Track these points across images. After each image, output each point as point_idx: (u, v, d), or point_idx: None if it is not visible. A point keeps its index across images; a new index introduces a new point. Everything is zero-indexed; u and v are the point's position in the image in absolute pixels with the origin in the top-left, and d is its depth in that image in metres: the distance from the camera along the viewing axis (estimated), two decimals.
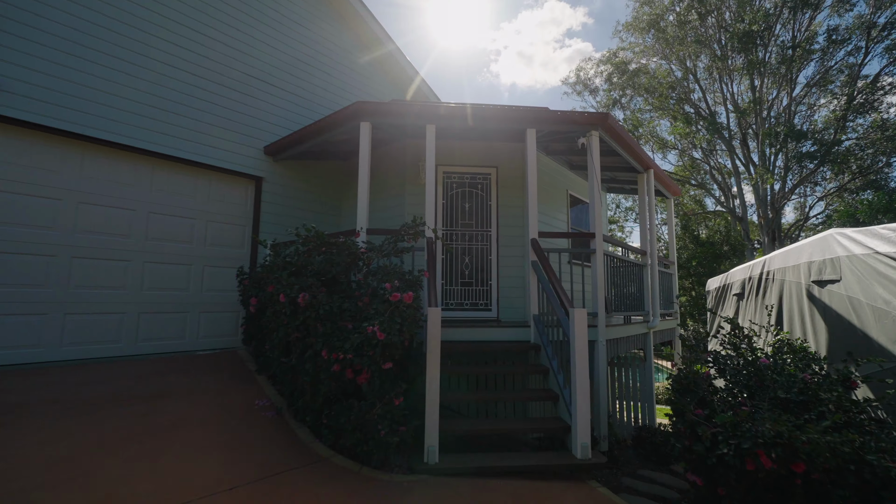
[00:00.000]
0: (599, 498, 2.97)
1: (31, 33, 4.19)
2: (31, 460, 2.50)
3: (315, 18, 6.78)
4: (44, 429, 2.87)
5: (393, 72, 7.94)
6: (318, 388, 3.02)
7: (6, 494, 2.18)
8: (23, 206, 4.16)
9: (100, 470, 2.48)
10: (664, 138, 22.80)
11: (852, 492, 2.34)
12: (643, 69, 20.81)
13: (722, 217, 22.62)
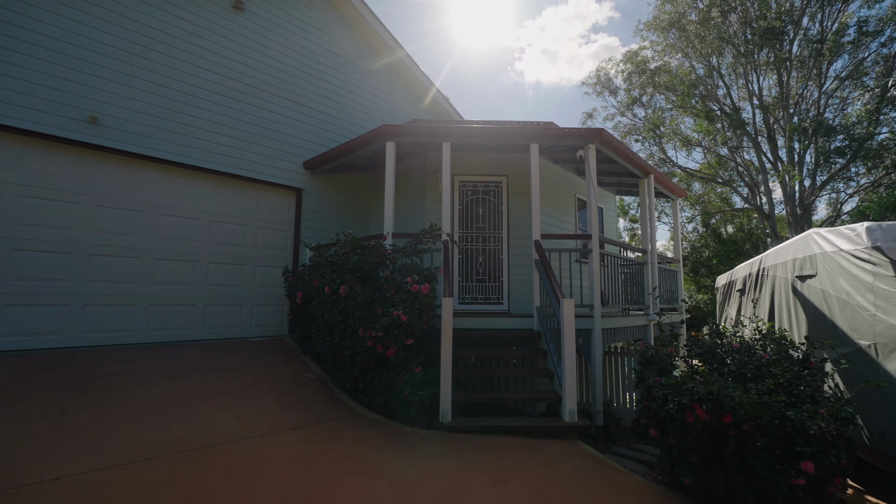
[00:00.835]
0: (580, 450, 3.69)
1: (130, 80, 5.25)
2: (149, 406, 3.45)
3: (343, 44, 7.71)
4: (151, 387, 3.85)
5: (414, 87, 8.80)
6: (355, 359, 3.88)
7: (140, 425, 3.12)
8: (121, 218, 5.24)
9: (198, 413, 3.41)
10: (688, 136, 22.77)
11: (774, 440, 2.99)
12: (664, 67, 20.95)
13: (746, 214, 22.42)
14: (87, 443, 2.74)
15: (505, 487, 2.87)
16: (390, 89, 8.45)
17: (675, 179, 22.84)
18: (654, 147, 23.09)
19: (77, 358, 4.44)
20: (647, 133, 22.22)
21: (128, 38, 5.31)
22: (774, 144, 20.17)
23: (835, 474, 2.85)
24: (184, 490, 2.36)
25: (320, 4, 7.42)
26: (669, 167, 22.78)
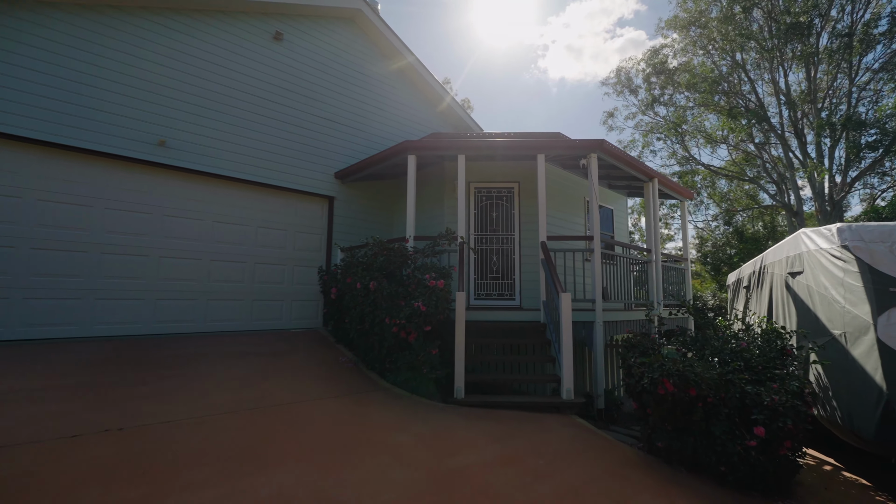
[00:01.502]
0: (575, 422, 4.34)
1: (191, 107, 6.22)
2: (220, 378, 4.32)
3: (367, 63, 8.55)
4: (218, 365, 4.74)
5: (433, 100, 9.56)
6: (382, 343, 4.66)
7: (217, 390, 3.97)
8: (184, 227, 6.21)
9: (258, 384, 4.26)
10: (711, 133, 22.64)
11: (735, 411, 3.58)
12: (685, 66, 20.97)
13: (773, 212, 22.14)
14: (184, 400, 3.61)
15: (504, 443, 3.58)
16: (412, 102, 9.23)
17: (698, 178, 22.77)
18: (677, 145, 23.09)
19: (153, 343, 5.41)
20: (668, 131, 22.26)
21: (188, 70, 6.28)
22: (802, 140, 19.90)
23: (784, 438, 3.41)
24: (258, 431, 3.18)
25: (347, 28, 8.28)
26: (692, 165, 22.74)
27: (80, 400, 3.43)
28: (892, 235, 4.21)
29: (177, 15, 6.22)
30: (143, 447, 2.78)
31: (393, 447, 3.26)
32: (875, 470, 4.62)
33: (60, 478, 2.34)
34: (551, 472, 3.16)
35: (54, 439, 2.74)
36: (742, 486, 3.48)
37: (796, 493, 3.71)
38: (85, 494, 2.22)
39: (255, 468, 2.68)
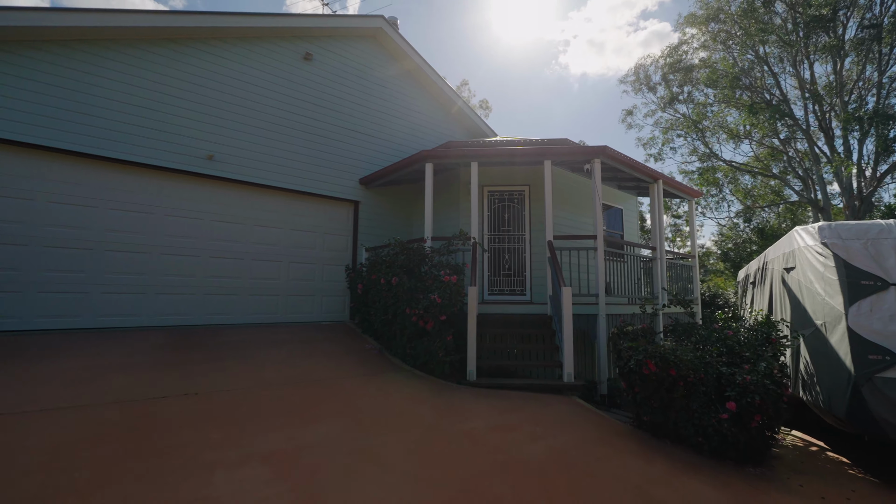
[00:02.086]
0: (574, 401, 4.93)
1: (233, 124, 7.07)
2: (265, 360, 5.10)
3: (388, 76, 9.27)
4: (262, 350, 5.53)
5: (450, 108, 10.21)
6: (403, 331, 5.35)
7: (265, 369, 4.74)
8: (229, 230, 7.07)
9: (299, 364, 5.01)
10: (734, 129, 22.48)
11: (712, 388, 4.10)
12: (706, 62, 20.93)
13: (798, 208, 21.86)
14: (240, 376, 4.39)
15: (508, 415, 4.21)
16: (428, 110, 9.91)
17: (720, 174, 22.66)
18: (698, 141, 23.02)
19: (204, 331, 6.26)
20: (688, 128, 22.25)
21: (231, 91, 7.13)
22: (829, 135, 19.62)
23: (754, 412, 3.92)
24: (302, 398, 3.92)
25: (368, 44, 9.02)
26: (713, 161, 22.64)
27: (159, 373, 4.25)
28: (868, 234, 4.62)
29: (222, 43, 7.08)
30: (215, 407, 3.54)
31: (412, 413, 3.95)
32: (860, 451, 5.01)
33: (160, 423, 3.12)
34: (545, 436, 3.78)
35: (149, 399, 3.54)
36: (716, 454, 4.00)
37: (771, 465, 4.20)
38: (184, 433, 2.99)
39: (302, 423, 3.41)
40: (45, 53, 5.67)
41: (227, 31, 7.09)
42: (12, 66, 5.45)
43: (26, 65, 5.54)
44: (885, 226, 4.64)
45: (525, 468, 3.10)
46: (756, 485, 3.55)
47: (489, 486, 2.79)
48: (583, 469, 3.25)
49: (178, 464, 2.60)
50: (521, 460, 3.23)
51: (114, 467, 2.49)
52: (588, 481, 3.05)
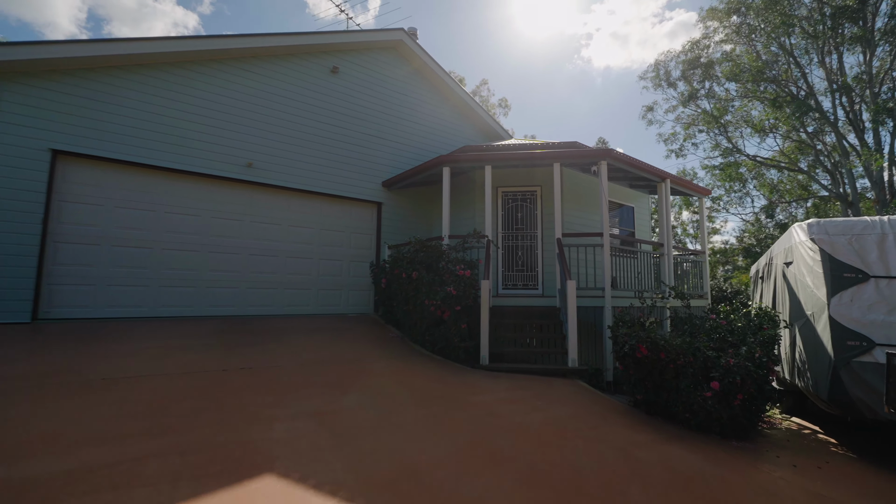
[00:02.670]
0: (577, 383, 5.47)
1: (268, 133, 7.87)
2: (303, 344, 5.84)
3: (407, 84, 9.92)
4: (299, 336, 6.28)
5: (465, 111, 10.80)
6: (423, 320, 6.00)
7: (303, 351, 5.47)
8: (267, 230, 7.87)
9: (331, 348, 5.73)
10: (759, 123, 22.17)
11: (699, 371, 4.58)
12: (728, 55, 20.75)
13: (822, 203, 21.45)
14: (283, 356, 5.13)
15: (514, 392, 4.80)
16: (446, 115, 10.52)
17: (743, 169, 22.40)
18: (721, 136, 22.82)
19: (247, 320, 7.07)
20: (709, 123, 22.09)
21: (266, 104, 7.92)
22: (858, 127, 19.22)
23: (736, 391, 4.39)
24: (337, 374, 4.61)
25: (390, 55, 9.70)
26: (736, 156, 22.39)
27: (217, 352, 5.03)
28: (853, 230, 4.98)
29: (259, 61, 7.88)
30: (266, 378, 4.27)
31: (430, 388, 4.59)
32: (857, 437, 5.35)
33: (225, 388, 3.86)
34: (545, 409, 4.35)
35: (213, 371, 4.30)
36: (702, 428, 4.48)
37: (756, 440, 4.64)
38: (244, 396, 3.71)
39: (336, 392, 4.10)
40: (111, 77, 6.55)
41: (264, 51, 7.87)
42: (80, 88, 6.35)
43: (93, 87, 6.44)
44: (869, 222, 4.98)
45: (524, 431, 3.70)
46: (733, 453, 4.03)
47: (492, 441, 3.40)
48: (574, 433, 3.82)
49: (244, 416, 3.32)
50: (522, 425, 3.82)
51: (197, 417, 3.22)
52: (577, 441, 3.62)
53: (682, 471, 3.37)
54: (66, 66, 6.20)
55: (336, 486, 2.46)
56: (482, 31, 57.67)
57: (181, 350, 5.00)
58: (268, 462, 2.64)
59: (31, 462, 2.40)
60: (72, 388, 3.53)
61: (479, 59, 58.33)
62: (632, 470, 3.22)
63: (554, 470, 3.02)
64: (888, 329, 4.50)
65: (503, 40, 55.02)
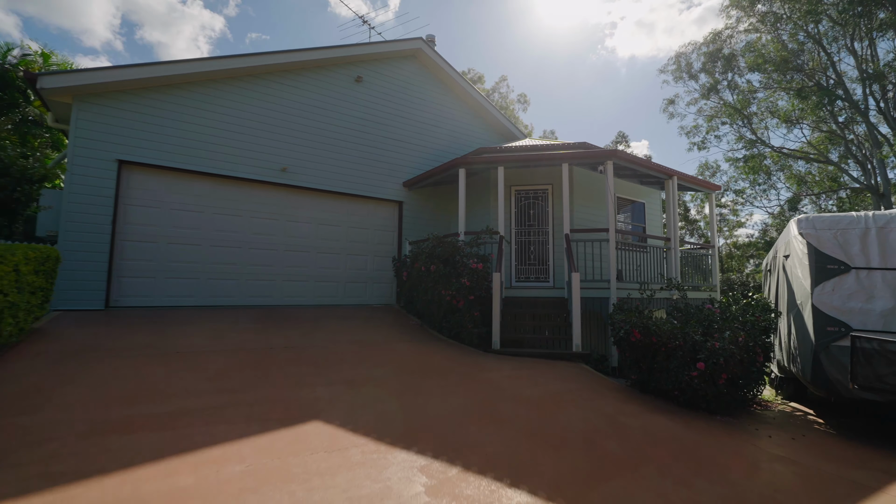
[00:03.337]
0: (580, 365, 6.06)
1: (299, 140, 8.69)
2: (336, 329, 6.63)
3: (427, 91, 10.58)
4: (332, 322, 7.08)
5: (481, 113, 11.40)
6: (440, 309, 6.69)
7: (337, 334, 6.25)
8: (300, 228, 8.71)
9: (359, 332, 6.49)
10: (787, 113, 21.81)
11: (688, 353, 5.10)
12: (751, 46, 20.50)
13: (848, 197, 21.01)
14: (318, 338, 5.92)
15: (520, 370, 5.44)
16: (462, 117, 11.14)
17: (768, 161, 22.11)
18: (744, 129, 22.56)
19: (283, 310, 7.93)
20: (732, 115, 21.88)
21: (298, 113, 8.73)
22: (889, 116, 18.74)
23: (720, 371, 4.89)
24: (364, 353, 5.36)
25: (409, 63, 10.37)
26: (760, 148, 22.11)
27: (262, 334, 5.86)
28: (838, 225, 5.38)
29: (291, 74, 8.70)
30: (306, 355, 5.05)
31: (445, 365, 5.28)
32: (846, 418, 5.75)
33: (273, 361, 4.65)
34: (545, 384, 4.98)
35: (262, 348, 5.11)
36: (690, 405, 5.01)
37: (741, 416, 5.13)
38: (289, 368, 4.49)
39: (366, 367, 4.84)
40: (164, 94, 7.47)
41: (296, 65, 8.68)
42: (139, 105, 7.28)
43: (150, 104, 7.36)
44: (854, 218, 5.36)
45: (524, 399, 4.34)
46: (714, 425, 4.56)
47: (494, 406, 4.06)
48: (569, 403, 4.44)
49: (291, 382, 4.09)
50: (523, 395, 4.46)
51: (255, 381, 4.01)
52: (570, 409, 4.24)
53: (658, 433, 3.95)
54: (129, 87, 7.13)
55: (367, 429, 3.18)
56: (503, 23, 57.61)
57: (232, 332, 5.85)
58: (314, 413, 3.39)
59: (146, 405, 3.22)
60: (156, 358, 4.38)
61: (500, 52, 58.32)
62: (614, 430, 3.82)
63: (545, 427, 3.66)
64: (865, 316, 4.91)
65: (524, 31, 54.84)
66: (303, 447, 2.84)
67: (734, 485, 3.07)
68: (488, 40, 60.62)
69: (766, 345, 5.72)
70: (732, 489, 2.99)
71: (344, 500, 2.29)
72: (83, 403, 3.18)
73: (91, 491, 2.16)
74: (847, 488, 3.26)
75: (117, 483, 2.25)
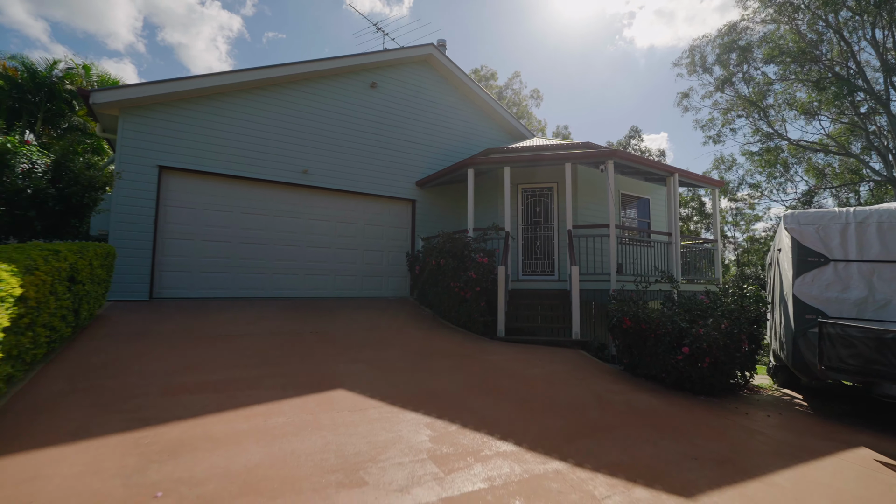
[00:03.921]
0: (576, 351, 6.60)
1: (319, 144, 9.38)
2: (355, 317, 7.31)
3: (438, 94, 11.15)
4: (351, 312, 7.77)
5: (490, 114, 11.91)
6: (449, 300, 7.31)
7: (356, 321, 6.93)
8: (320, 226, 9.43)
9: (375, 320, 7.16)
10: (806, 104, 21.60)
11: (675, 339, 5.60)
12: (767, 38, 20.38)
13: (871, 191, 20.76)
14: (340, 325, 6.61)
15: (521, 354, 6.02)
16: (472, 118, 11.68)
17: (783, 154, 21.96)
18: (761, 121, 22.43)
19: (307, 301, 8.66)
20: (748, 108, 21.78)
21: (315, 118, 9.42)
22: None
23: (704, 355, 5.38)
24: (380, 337, 6.03)
25: (421, 67, 10.95)
26: (777, 141, 21.96)
27: (289, 321, 6.58)
28: (821, 220, 5.77)
29: (309, 81, 9.38)
30: (329, 338, 5.74)
31: (452, 349, 5.90)
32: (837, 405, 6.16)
33: (301, 343, 5.34)
34: (542, 365, 5.55)
35: (290, 333, 5.82)
36: (676, 386, 5.51)
37: (724, 397, 5.60)
38: (315, 349, 5.18)
39: (381, 349, 5.49)
40: (197, 105, 8.24)
41: (315, 73, 9.36)
42: (175, 115, 8.06)
43: (185, 114, 8.14)
44: (836, 213, 5.75)
45: (521, 377, 4.93)
46: (695, 402, 5.06)
47: (494, 381, 4.66)
48: (562, 381, 5.01)
49: (318, 360, 4.77)
50: (521, 374, 5.05)
51: (287, 358, 4.70)
52: (561, 386, 4.81)
53: (640, 407, 4.49)
54: (166, 99, 7.92)
55: (383, 396, 3.83)
56: (518, 14, 57.50)
57: (263, 319, 6.59)
58: (338, 383, 4.05)
59: (200, 375, 3.94)
60: (201, 339, 5.12)
61: (514, 45, 58.26)
62: (598, 403, 4.38)
63: (537, 399, 4.25)
64: (840, 304, 5.32)
65: (539, 23, 54.66)
66: (330, 407, 3.50)
67: (695, 446, 3.61)
68: (503, 33, 60.64)
69: (753, 333, 6.15)
70: (692, 448, 3.53)
71: (364, 444, 2.93)
72: (152, 372, 3.91)
73: (173, 430, 2.85)
74: (799, 452, 3.75)
75: (191, 426, 2.94)
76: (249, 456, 2.64)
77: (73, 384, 3.48)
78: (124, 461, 2.46)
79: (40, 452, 2.49)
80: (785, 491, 2.94)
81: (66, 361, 3.97)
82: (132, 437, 2.73)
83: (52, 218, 5.05)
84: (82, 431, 2.74)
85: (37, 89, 10.43)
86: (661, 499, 2.67)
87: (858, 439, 4.33)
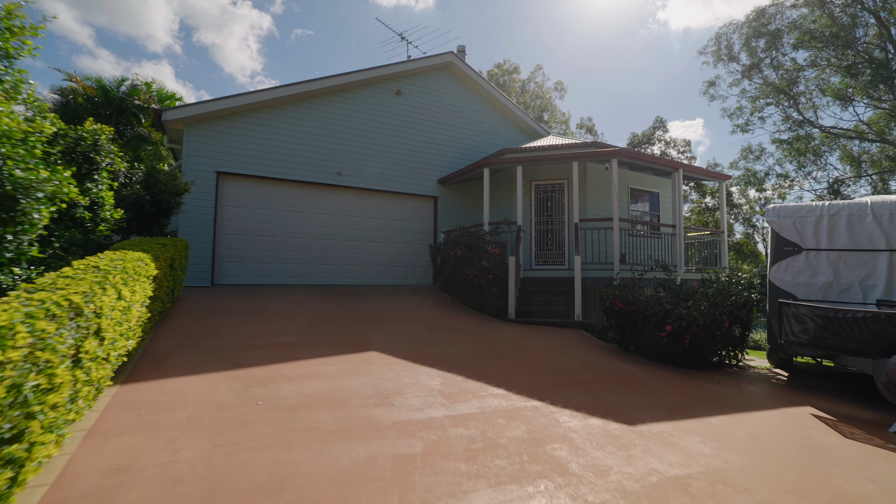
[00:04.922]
0: (577, 331, 7.54)
1: (351, 147, 10.58)
2: (381, 300, 8.49)
3: (459, 98, 12.13)
4: (379, 297, 8.96)
5: (507, 115, 12.80)
6: (465, 286, 8.37)
7: (383, 305, 8.10)
8: (352, 221, 10.66)
9: (401, 303, 8.32)
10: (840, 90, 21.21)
11: (659, 318, 6.46)
12: (796, 24, 20.12)
13: None
14: (371, 306, 7.80)
15: (527, 332, 7.03)
16: (489, 119, 12.61)
17: (815, 143, 21.66)
18: (791, 109, 22.16)
19: (342, 288, 9.93)
20: (777, 95, 21.57)
21: (347, 125, 10.61)
22: None
23: (685, 333, 6.22)
24: (407, 315, 7.18)
25: (442, 73, 11.95)
26: (808, 129, 21.68)
27: (330, 303, 7.82)
28: (798, 213, 6.47)
29: (341, 92, 10.57)
30: (362, 316, 6.92)
31: (466, 327, 6.98)
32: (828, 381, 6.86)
33: (341, 319, 6.54)
34: (542, 340, 6.55)
35: (331, 312, 7.04)
36: (660, 360, 6.39)
37: (706, 370, 6.42)
38: (353, 324, 6.37)
39: (406, 325, 6.62)
40: (246, 117, 9.57)
41: (348, 84, 10.54)
42: (229, 126, 9.41)
43: (236, 125, 9.48)
44: (812, 207, 6.42)
45: (523, 348, 5.95)
46: (674, 372, 5.94)
47: (498, 350, 5.71)
48: (557, 352, 6.00)
49: (356, 331, 5.95)
50: (522, 346, 6.07)
51: (332, 329, 5.90)
52: (555, 355, 5.81)
53: (620, 372, 5.43)
54: (221, 114, 9.28)
55: (406, 356, 4.95)
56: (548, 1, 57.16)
57: (308, 302, 7.86)
58: (372, 347, 5.21)
59: (267, 339, 5.19)
60: (263, 315, 6.41)
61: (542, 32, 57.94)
62: (584, 367, 5.37)
63: (531, 363, 5.28)
64: (808, 289, 6.04)
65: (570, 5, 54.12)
66: (367, 361, 4.65)
67: (655, 398, 4.54)
68: (531, 20, 60.42)
69: (739, 315, 6.89)
70: (651, 399, 4.47)
71: (392, 384, 4.06)
72: (232, 336, 5.19)
73: (258, 371, 4.07)
74: (745, 407, 4.62)
75: (269, 369, 4.16)
76: (313, 387, 3.81)
77: (181, 342, 4.78)
78: (231, 385, 3.68)
79: (178, 379, 3.75)
80: (711, 425, 3.86)
81: (169, 328, 5.30)
82: (232, 374, 3.96)
83: (146, 219, 6.42)
84: (200, 368, 4.00)
85: (108, 104, 12.10)
86: (609, 425, 3.66)
87: (810, 402, 5.12)
